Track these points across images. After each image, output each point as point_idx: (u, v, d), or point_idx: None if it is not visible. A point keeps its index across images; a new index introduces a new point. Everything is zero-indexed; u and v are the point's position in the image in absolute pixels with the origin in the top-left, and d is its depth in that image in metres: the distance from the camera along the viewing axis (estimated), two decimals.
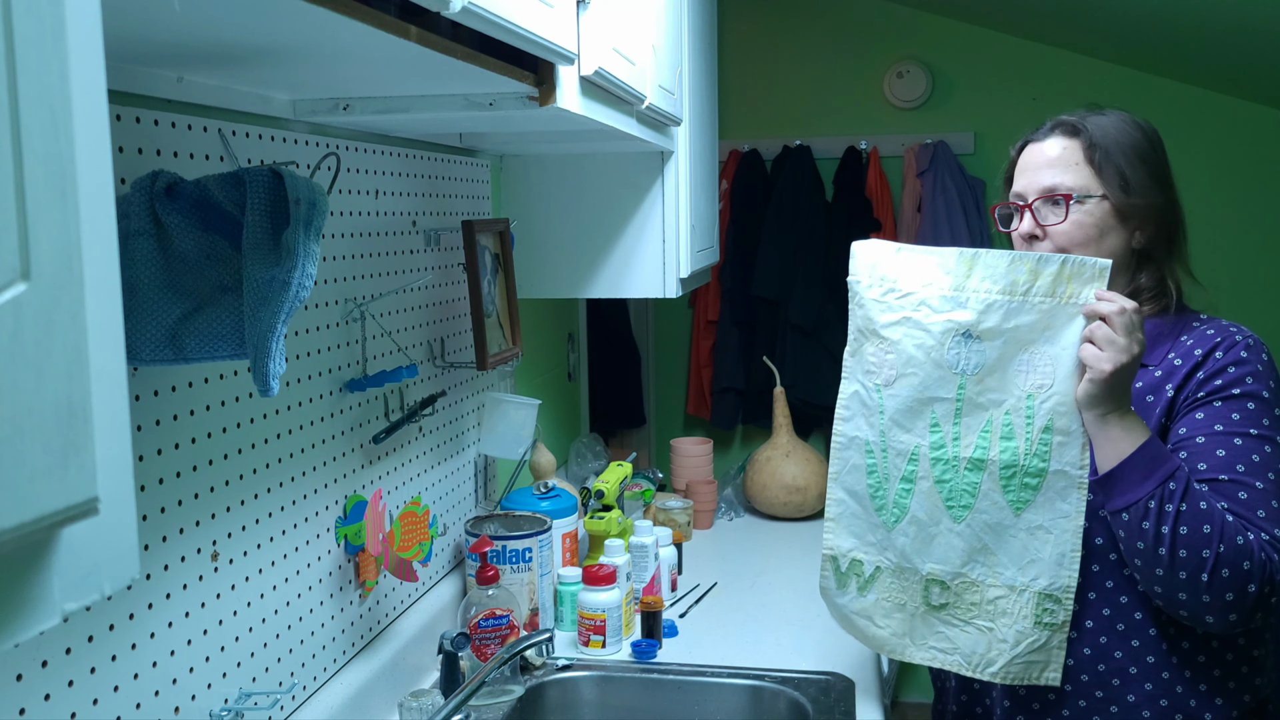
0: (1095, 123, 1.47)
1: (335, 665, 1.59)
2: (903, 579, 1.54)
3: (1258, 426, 1.36)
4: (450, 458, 2.05)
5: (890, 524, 1.52)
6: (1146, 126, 1.49)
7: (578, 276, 2.33)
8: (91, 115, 0.50)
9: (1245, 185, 3.67)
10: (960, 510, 1.49)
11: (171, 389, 1.19)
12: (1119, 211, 1.44)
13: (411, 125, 1.73)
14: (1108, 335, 1.33)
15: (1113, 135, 1.45)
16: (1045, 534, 1.45)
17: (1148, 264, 1.47)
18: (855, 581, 1.57)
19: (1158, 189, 1.45)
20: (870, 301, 1.51)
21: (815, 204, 3.73)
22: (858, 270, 1.53)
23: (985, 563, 1.49)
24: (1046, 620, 1.46)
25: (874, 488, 1.53)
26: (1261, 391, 1.38)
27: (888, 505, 1.52)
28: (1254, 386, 1.38)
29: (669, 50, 2.02)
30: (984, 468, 1.47)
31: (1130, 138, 1.46)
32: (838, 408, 1.55)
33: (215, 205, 1.04)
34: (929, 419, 1.49)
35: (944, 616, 1.52)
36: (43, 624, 0.50)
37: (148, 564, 1.16)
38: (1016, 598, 1.48)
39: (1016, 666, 1.48)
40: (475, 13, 0.97)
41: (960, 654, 1.52)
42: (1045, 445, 1.44)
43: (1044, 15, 3.45)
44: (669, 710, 1.86)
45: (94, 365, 0.50)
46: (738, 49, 3.86)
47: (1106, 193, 1.44)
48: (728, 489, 2.91)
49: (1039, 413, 1.44)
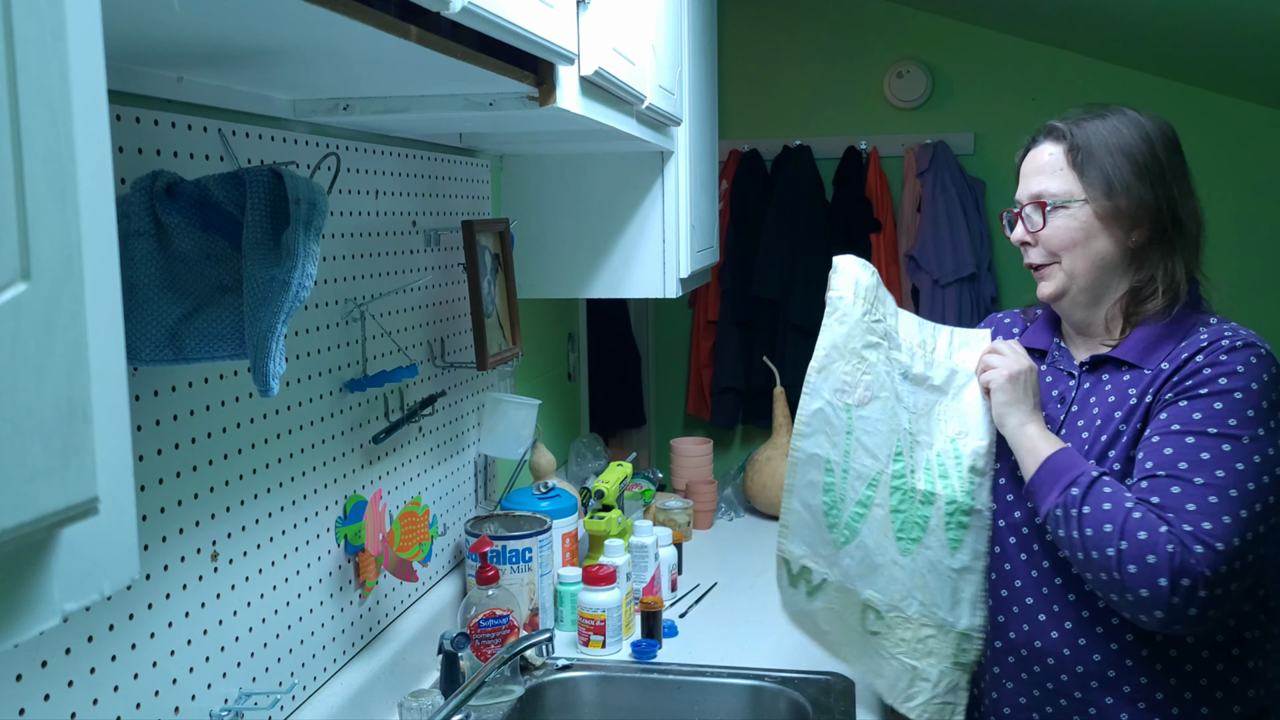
0: (1087, 126, 1.47)
1: (335, 665, 1.59)
2: (844, 596, 1.55)
3: (1218, 424, 1.33)
4: (450, 458, 2.05)
5: (839, 543, 1.53)
6: (1149, 125, 1.46)
7: (578, 276, 2.33)
8: (91, 115, 0.50)
9: (1245, 185, 3.67)
10: (909, 543, 1.52)
11: (171, 389, 1.19)
12: (1103, 214, 1.44)
13: (411, 125, 1.73)
14: (997, 354, 1.52)
15: (1100, 137, 1.45)
16: (969, 575, 1.51)
17: (1145, 263, 1.45)
18: (804, 585, 1.57)
19: (1149, 188, 1.43)
20: (855, 320, 1.53)
21: (815, 204, 3.73)
22: (841, 286, 1.56)
23: (923, 600, 1.52)
24: (962, 660, 1.52)
25: (829, 506, 1.52)
26: (1234, 391, 1.34)
27: (840, 525, 1.53)
28: (1226, 385, 1.34)
29: (669, 50, 2.02)
30: (933, 502, 1.52)
31: (1121, 138, 1.44)
32: (798, 423, 1.53)
33: (215, 205, 1.04)
34: (894, 446, 1.52)
35: (875, 643, 1.55)
36: (42, 624, 0.50)
37: (148, 564, 1.16)
38: (943, 637, 1.52)
39: (934, 706, 1.53)
40: (475, 13, 0.97)
41: (885, 681, 1.56)
42: (972, 484, 1.51)
43: (1044, 15, 3.45)
44: (669, 710, 1.86)
45: (94, 365, 0.50)
46: (738, 49, 3.86)
47: (1088, 197, 1.44)
48: (728, 489, 2.91)
49: (964, 454, 1.52)
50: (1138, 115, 1.48)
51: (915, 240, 3.68)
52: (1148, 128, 1.46)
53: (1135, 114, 1.48)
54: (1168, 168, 1.44)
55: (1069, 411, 1.50)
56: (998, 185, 3.73)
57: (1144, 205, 1.43)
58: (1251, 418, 1.33)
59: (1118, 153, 1.43)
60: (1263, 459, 1.33)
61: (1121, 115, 1.47)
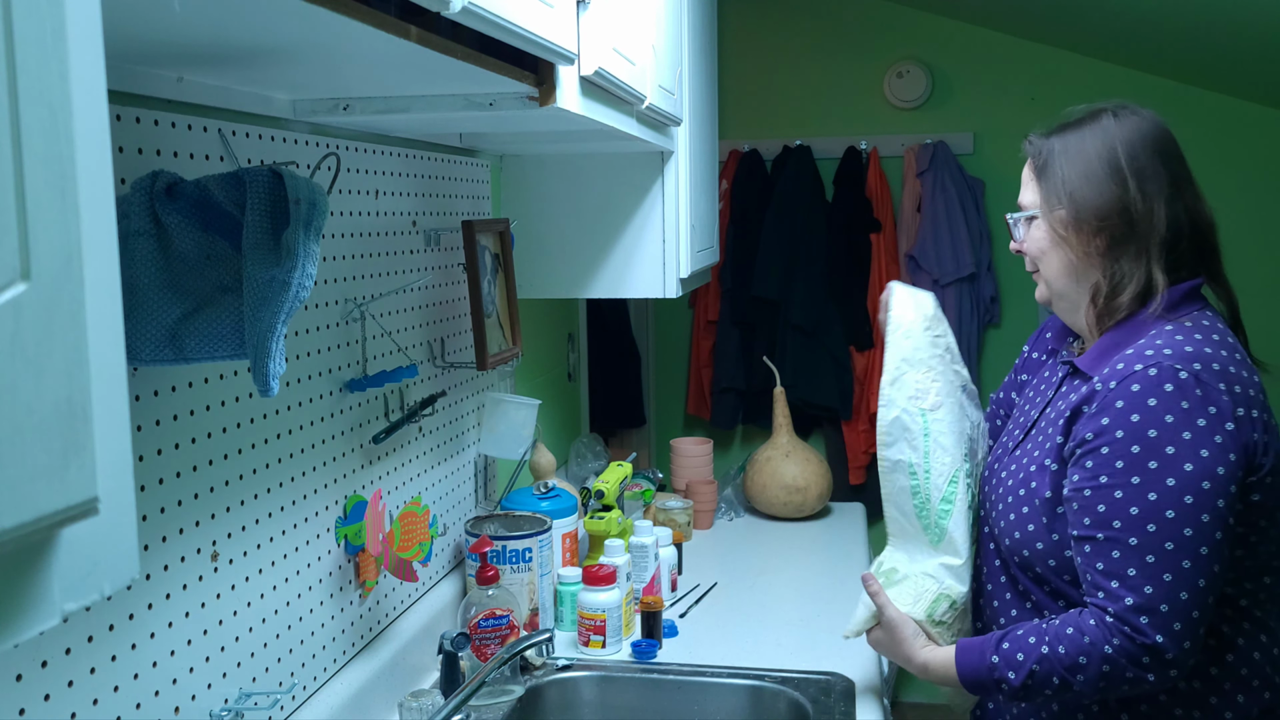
0: (1055, 136, 1.47)
1: (335, 665, 1.59)
2: (922, 584, 1.61)
3: (1141, 473, 1.30)
4: (450, 458, 2.05)
5: (934, 542, 1.60)
6: (1121, 129, 1.43)
7: (578, 276, 2.33)
8: (91, 115, 0.50)
9: (1245, 185, 3.67)
10: (974, 544, 1.60)
11: (171, 389, 1.19)
12: (1059, 223, 1.44)
13: (411, 125, 1.73)
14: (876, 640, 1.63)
15: (1062, 147, 1.45)
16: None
17: (1114, 267, 1.42)
18: (885, 579, 1.66)
19: (1101, 194, 1.41)
20: (919, 333, 1.63)
21: (815, 204, 3.73)
22: (901, 306, 1.66)
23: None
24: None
25: (919, 507, 1.61)
26: (1147, 430, 1.30)
27: (931, 524, 1.60)
28: (1139, 425, 1.31)
29: (669, 50, 2.02)
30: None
31: (1081, 145, 1.43)
32: (879, 434, 1.63)
33: (215, 205, 1.04)
34: (965, 447, 1.61)
35: (937, 631, 1.58)
36: (42, 624, 0.50)
37: (148, 564, 1.16)
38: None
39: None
40: (475, 13, 0.97)
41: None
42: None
43: (1044, 15, 3.46)
44: (669, 710, 1.86)
45: (94, 365, 0.50)
46: (738, 49, 3.86)
47: (1046, 207, 1.46)
48: (728, 489, 2.91)
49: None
50: (1114, 120, 1.45)
51: (915, 240, 3.68)
52: (1115, 133, 1.43)
53: (1113, 118, 1.45)
54: (1132, 171, 1.41)
55: (1041, 411, 1.52)
56: (997, 185, 3.73)
57: (1096, 211, 1.41)
58: (1155, 439, 1.30)
59: (1074, 161, 1.43)
60: (1162, 493, 1.30)
61: (1096, 120, 1.46)
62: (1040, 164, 1.47)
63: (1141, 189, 1.40)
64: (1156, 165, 1.42)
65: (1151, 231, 1.40)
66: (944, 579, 1.57)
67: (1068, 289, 1.48)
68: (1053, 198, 1.45)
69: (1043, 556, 1.42)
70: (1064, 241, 1.44)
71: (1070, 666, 1.33)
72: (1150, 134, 1.43)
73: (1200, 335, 1.36)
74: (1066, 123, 1.49)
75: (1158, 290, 1.39)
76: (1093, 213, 1.41)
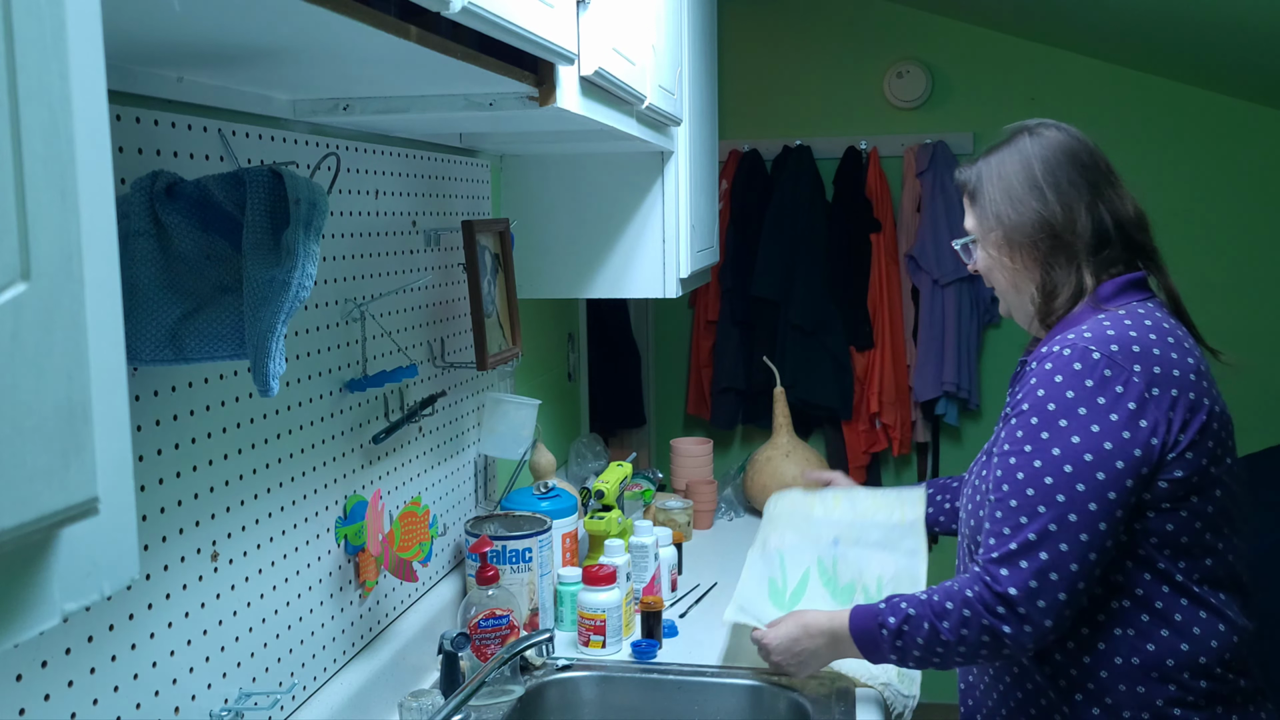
0: (978, 164, 1.57)
1: (335, 665, 1.59)
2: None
3: (1033, 441, 1.40)
4: (450, 458, 2.05)
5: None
6: (1036, 146, 1.52)
7: (578, 276, 2.33)
8: (91, 115, 0.50)
9: (1245, 185, 3.67)
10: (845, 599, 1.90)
11: (171, 389, 1.19)
12: (996, 243, 1.54)
13: (411, 125, 1.73)
14: (764, 645, 1.74)
15: (986, 173, 1.55)
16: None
17: (1049, 274, 1.52)
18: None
19: (1022, 210, 1.50)
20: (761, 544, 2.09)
21: (815, 204, 3.73)
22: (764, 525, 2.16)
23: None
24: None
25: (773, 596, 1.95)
26: (1047, 404, 1.40)
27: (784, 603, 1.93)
28: (1042, 399, 1.40)
29: (669, 50, 2.02)
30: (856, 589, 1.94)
31: (1001, 168, 1.53)
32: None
33: (215, 205, 1.04)
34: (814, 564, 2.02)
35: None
36: (42, 624, 0.50)
37: (148, 564, 1.16)
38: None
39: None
40: (475, 13, 0.97)
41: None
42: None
43: (1044, 15, 3.45)
44: (669, 710, 1.86)
45: (94, 365, 0.50)
46: (738, 49, 3.86)
47: (981, 232, 1.56)
48: (728, 489, 2.91)
49: (884, 587, 1.94)
50: (1030, 138, 1.53)
51: (915, 240, 3.68)
52: (1031, 151, 1.52)
53: (1029, 137, 1.54)
54: (1049, 185, 1.50)
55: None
56: None
57: (1022, 228, 1.50)
58: (1052, 411, 1.39)
59: (997, 184, 1.53)
60: (1046, 460, 1.38)
61: (1015, 142, 1.54)
62: (971, 191, 1.57)
63: (1061, 201, 1.49)
64: (1073, 175, 1.50)
65: (1076, 239, 1.49)
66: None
67: (1016, 301, 1.58)
68: (986, 221, 1.55)
69: None
70: (1003, 258, 1.54)
71: (938, 612, 1.44)
72: (1064, 146, 1.53)
73: (1130, 321, 1.44)
74: (990, 147, 1.58)
75: (1087, 291, 1.49)
76: (1020, 230, 1.51)
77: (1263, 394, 3.79)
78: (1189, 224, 3.71)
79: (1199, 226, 3.70)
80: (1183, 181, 3.66)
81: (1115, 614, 1.42)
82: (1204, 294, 3.76)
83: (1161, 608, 1.42)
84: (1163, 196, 3.70)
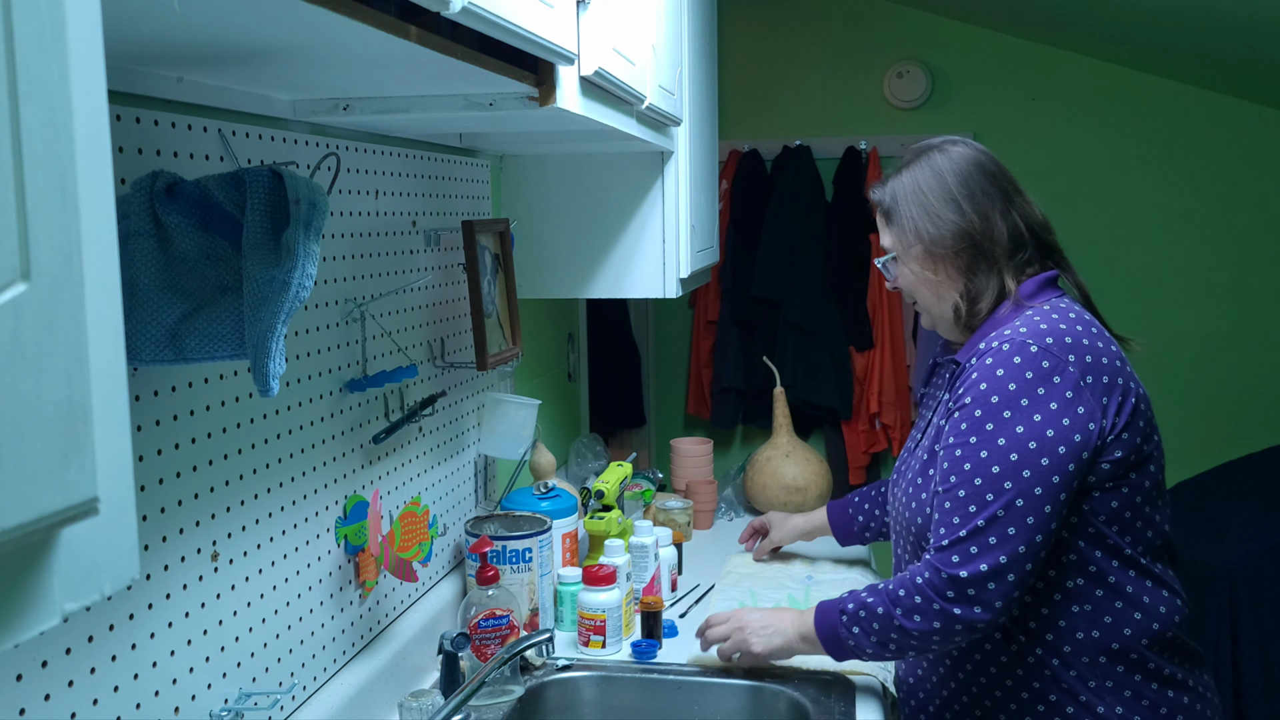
0: (891, 183, 1.62)
1: (335, 665, 1.59)
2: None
3: (978, 434, 1.46)
4: (450, 458, 2.05)
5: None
6: (946, 161, 1.58)
7: (578, 276, 2.33)
8: (91, 115, 0.50)
9: (1245, 185, 3.67)
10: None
11: (171, 389, 1.19)
12: (918, 257, 1.59)
13: (411, 125, 1.73)
14: (717, 630, 1.80)
15: (901, 191, 1.60)
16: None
17: (972, 280, 1.58)
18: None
19: (942, 222, 1.56)
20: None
21: (815, 204, 3.73)
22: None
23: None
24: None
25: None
26: (991, 396, 1.45)
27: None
28: (985, 392, 1.46)
29: (669, 50, 2.02)
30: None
31: (916, 184, 1.58)
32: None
33: (215, 205, 1.04)
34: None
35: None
36: (43, 624, 0.50)
37: (148, 564, 1.16)
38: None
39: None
40: (475, 13, 0.97)
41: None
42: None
43: (1044, 15, 3.45)
44: (669, 710, 1.86)
45: (94, 365, 0.50)
46: (738, 49, 3.86)
47: (901, 248, 1.61)
48: (728, 489, 2.91)
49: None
50: (940, 155, 1.60)
51: None
52: (943, 166, 1.58)
53: (940, 154, 1.60)
54: (964, 197, 1.56)
55: (934, 411, 1.65)
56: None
57: (943, 241, 1.56)
58: (995, 403, 1.45)
59: (912, 201, 1.58)
60: (992, 450, 1.44)
61: (926, 159, 1.60)
62: (886, 210, 1.62)
63: (976, 211, 1.56)
64: (985, 185, 1.58)
65: (994, 245, 1.56)
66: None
67: (939, 311, 1.62)
68: (905, 238, 1.60)
69: None
70: (925, 271, 1.60)
71: (893, 598, 1.50)
72: (973, 159, 1.60)
73: (1057, 315, 1.51)
74: (899, 166, 1.64)
75: (1010, 292, 1.56)
76: (940, 243, 1.57)
77: (1263, 394, 3.79)
78: (1190, 224, 3.71)
79: (1200, 227, 3.71)
80: (1183, 181, 3.66)
81: (1071, 592, 1.50)
82: (1205, 294, 3.77)
83: (1114, 581, 1.50)
84: (1163, 197, 3.70)
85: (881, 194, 1.63)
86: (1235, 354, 3.79)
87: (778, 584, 2.28)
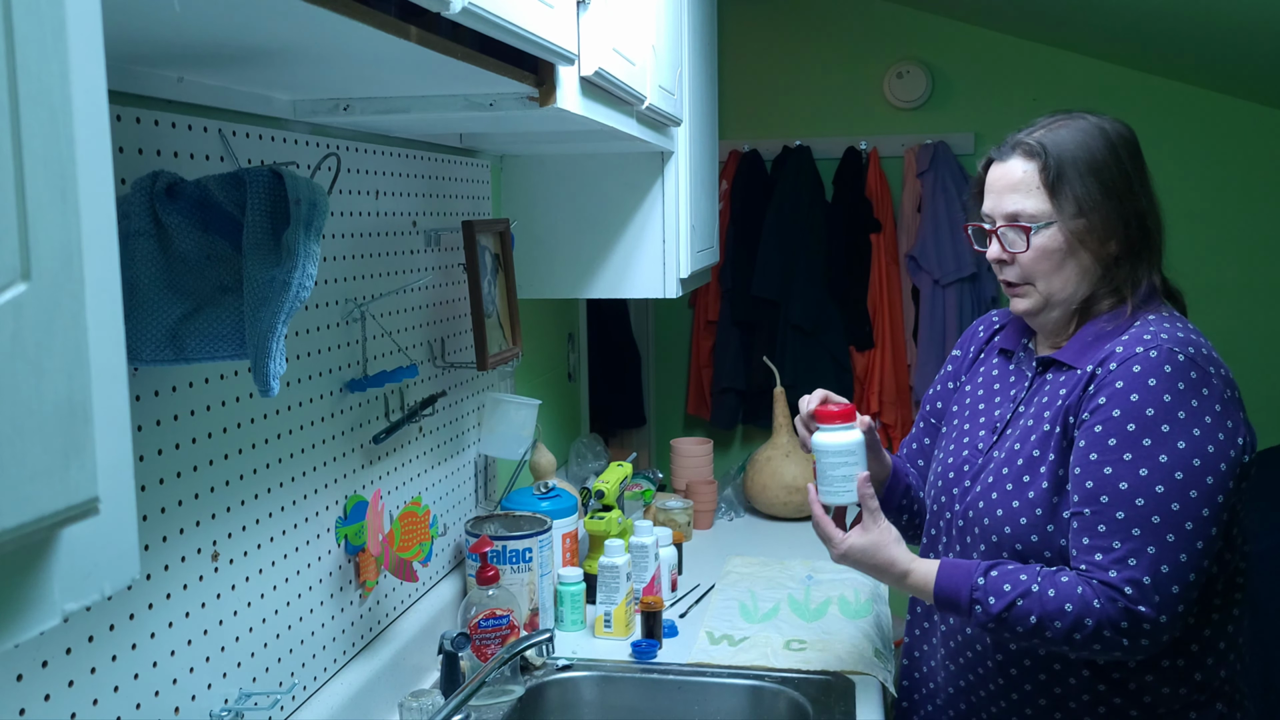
0: (1054, 141, 1.44)
1: (335, 665, 1.59)
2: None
3: (1134, 449, 1.33)
4: (450, 458, 2.05)
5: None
6: (1111, 131, 1.45)
7: (578, 276, 2.33)
8: (91, 115, 0.50)
9: (1245, 185, 3.67)
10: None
11: (172, 389, 1.19)
12: (1077, 233, 1.43)
13: (411, 125, 1.73)
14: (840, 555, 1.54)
15: (1069, 154, 1.43)
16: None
17: (1115, 270, 1.45)
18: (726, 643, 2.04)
19: (1118, 203, 1.42)
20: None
21: (815, 204, 3.73)
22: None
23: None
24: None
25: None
26: (1145, 409, 1.34)
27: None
28: (1136, 404, 1.34)
29: (669, 50, 2.02)
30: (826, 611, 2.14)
31: (1087, 151, 1.43)
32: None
33: (215, 205, 1.04)
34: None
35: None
36: (43, 624, 0.50)
37: (148, 564, 1.16)
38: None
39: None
40: (475, 13, 0.97)
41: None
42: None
43: (1044, 15, 3.45)
44: (669, 710, 1.86)
45: (94, 365, 0.50)
46: (738, 49, 3.86)
47: (1060, 219, 1.43)
48: (728, 489, 2.91)
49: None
50: (1099, 121, 1.46)
51: (915, 240, 3.68)
52: (1108, 135, 1.44)
53: (1096, 120, 1.46)
54: (1134, 177, 1.44)
55: (1015, 412, 1.52)
56: None
57: (1112, 221, 1.43)
58: (1151, 416, 1.34)
59: (1085, 168, 1.42)
60: (1153, 469, 1.33)
61: (1080, 125, 1.45)
62: (1053, 172, 1.43)
63: (1144, 194, 1.45)
64: (1141, 167, 1.47)
65: (1149, 234, 1.45)
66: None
67: (1070, 298, 1.47)
68: (1070, 208, 1.42)
69: (1038, 549, 1.42)
70: (1078, 251, 1.43)
71: (1053, 611, 1.34)
72: (1131, 137, 1.47)
73: (1181, 324, 1.42)
74: (1054, 125, 1.47)
75: (1157, 290, 1.45)
76: (1108, 222, 1.42)
77: (1270, 394, 3.79)
78: (1193, 225, 3.70)
79: (1203, 227, 3.70)
80: (1185, 182, 3.66)
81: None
82: (1211, 296, 3.77)
83: (1217, 604, 1.45)
84: (1165, 197, 3.69)
85: (1049, 151, 1.43)
86: (1240, 354, 3.79)
87: (778, 584, 2.28)
